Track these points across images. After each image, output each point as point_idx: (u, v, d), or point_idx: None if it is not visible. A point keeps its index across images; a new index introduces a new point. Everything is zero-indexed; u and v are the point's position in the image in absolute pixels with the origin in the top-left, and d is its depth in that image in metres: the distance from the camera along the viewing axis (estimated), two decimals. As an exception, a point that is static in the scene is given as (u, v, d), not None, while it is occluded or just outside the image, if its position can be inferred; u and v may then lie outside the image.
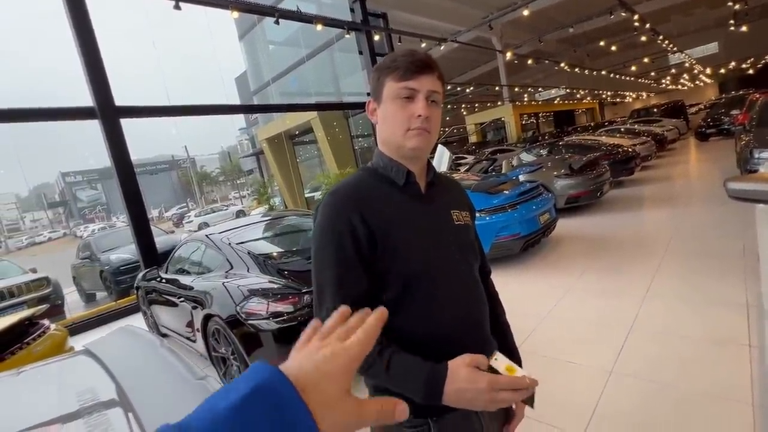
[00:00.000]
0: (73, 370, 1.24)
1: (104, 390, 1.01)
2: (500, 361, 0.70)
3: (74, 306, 7.54)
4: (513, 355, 0.96)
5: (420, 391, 0.68)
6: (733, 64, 26.63)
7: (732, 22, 16.17)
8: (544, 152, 7.90)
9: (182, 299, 3.09)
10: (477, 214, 1.04)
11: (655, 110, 17.42)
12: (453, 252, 0.83)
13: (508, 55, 13.28)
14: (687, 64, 25.38)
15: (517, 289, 3.63)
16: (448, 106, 25.13)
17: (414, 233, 0.79)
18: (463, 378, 0.66)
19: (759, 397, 1.77)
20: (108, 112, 4.78)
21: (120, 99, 4.89)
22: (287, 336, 2.27)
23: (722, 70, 28.54)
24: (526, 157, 7.86)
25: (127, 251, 6.99)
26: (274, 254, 3.01)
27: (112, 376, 1.06)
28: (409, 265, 0.77)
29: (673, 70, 29.08)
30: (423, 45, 10.36)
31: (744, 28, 15.80)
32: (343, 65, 11.94)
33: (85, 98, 4.80)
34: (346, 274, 0.74)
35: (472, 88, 21.26)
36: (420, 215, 0.81)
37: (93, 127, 4.86)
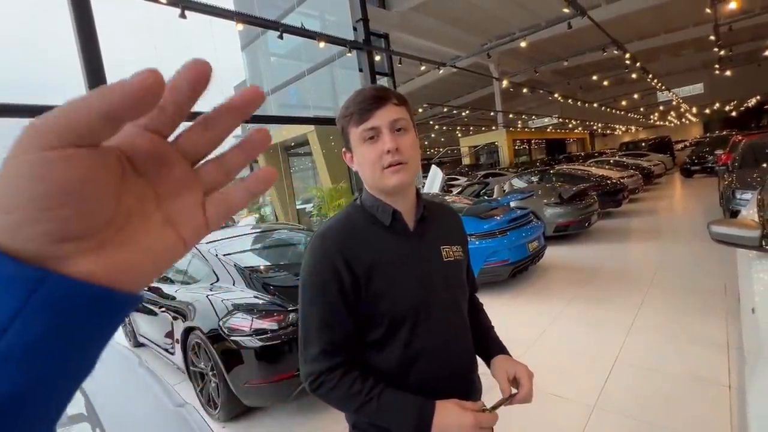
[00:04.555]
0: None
1: (73, 407, 0.96)
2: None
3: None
4: (498, 345, 0.92)
5: (410, 422, 0.70)
6: (717, 105, 27.77)
7: (717, 66, 16.95)
8: (535, 179, 8.04)
9: (163, 309, 3.01)
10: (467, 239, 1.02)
11: (643, 144, 17.98)
12: (440, 292, 0.82)
13: (504, 82, 13.65)
14: (674, 102, 26.37)
15: (504, 316, 3.62)
16: (444, 128, 25.56)
17: (399, 275, 0.78)
18: (450, 413, 0.70)
19: (738, 441, 1.77)
20: (103, 114, 4.73)
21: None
22: (270, 354, 2.22)
23: (707, 110, 29.69)
24: (518, 183, 7.98)
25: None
26: (262, 268, 2.96)
27: (83, 394, 1.02)
28: (394, 308, 0.77)
29: (661, 107, 30.14)
30: (422, 68, 10.59)
31: (728, 73, 16.57)
32: (342, 81, 12.10)
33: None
34: (330, 319, 0.75)
35: (467, 112, 21.69)
36: (407, 256, 0.80)
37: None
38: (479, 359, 0.92)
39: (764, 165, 5.46)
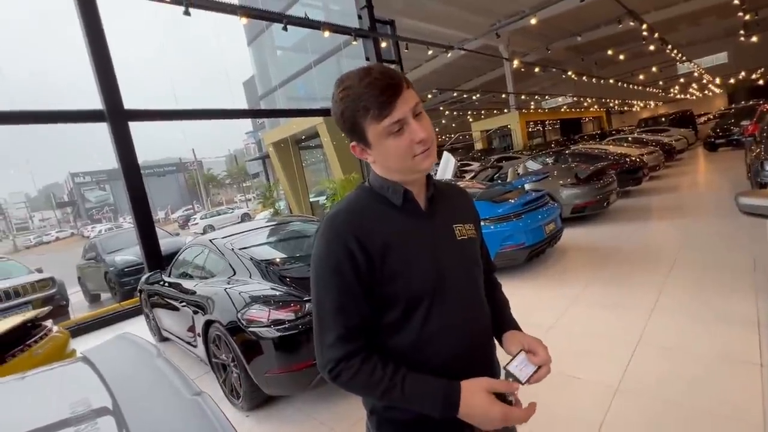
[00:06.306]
0: (70, 377, 1.23)
1: (98, 400, 1.00)
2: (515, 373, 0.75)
3: (79, 306, 7.58)
4: (511, 322, 0.92)
5: (437, 407, 0.70)
6: (743, 74, 26.43)
7: (742, 32, 16.08)
8: (550, 161, 7.86)
9: (184, 304, 3.08)
10: (482, 223, 1.00)
11: (663, 119, 17.30)
12: (456, 270, 0.80)
13: (515, 63, 13.28)
14: (696, 74, 25.23)
15: (522, 300, 3.58)
16: (454, 113, 25.19)
17: (414, 255, 0.76)
18: (478, 399, 0.70)
19: (771, 420, 1.71)
20: (116, 116, 4.83)
21: (127, 99, 4.94)
22: (288, 344, 2.24)
23: (732, 81, 28.32)
24: (532, 166, 7.81)
25: (132, 253, 7.03)
26: (277, 260, 2.99)
27: (106, 386, 1.05)
28: (410, 289, 0.75)
29: (682, 80, 28.91)
30: (429, 52, 10.41)
31: (754, 39, 15.71)
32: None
33: (94, 100, 4.87)
34: (345, 302, 0.73)
35: (478, 96, 21.28)
36: (420, 235, 0.79)
37: (102, 129, 4.93)
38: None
39: (795, 134, 5.19)
